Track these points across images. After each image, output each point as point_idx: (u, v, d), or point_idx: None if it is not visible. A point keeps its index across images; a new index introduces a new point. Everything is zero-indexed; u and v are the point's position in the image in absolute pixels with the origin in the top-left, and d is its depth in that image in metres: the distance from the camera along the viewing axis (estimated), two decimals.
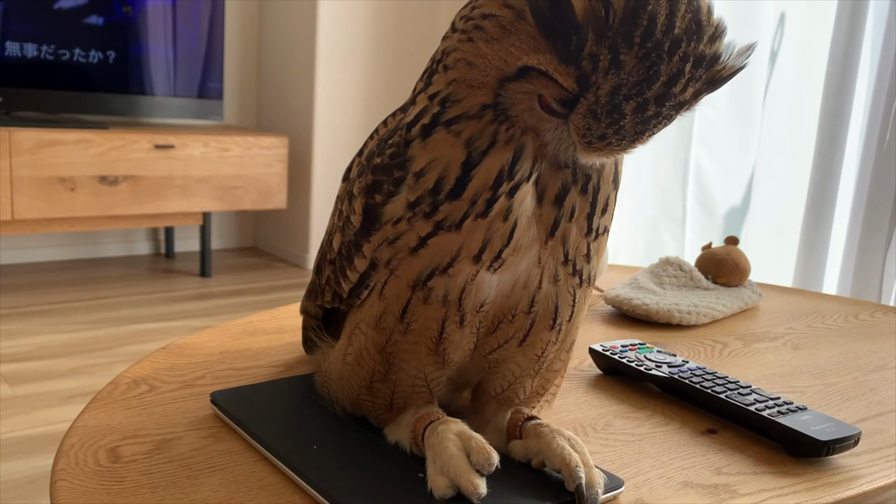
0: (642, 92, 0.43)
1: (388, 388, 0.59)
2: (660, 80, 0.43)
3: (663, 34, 0.42)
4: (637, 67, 0.43)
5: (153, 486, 0.54)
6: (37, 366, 2.14)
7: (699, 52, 0.43)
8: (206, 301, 2.91)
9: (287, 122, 3.53)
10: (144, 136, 2.85)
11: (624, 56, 0.42)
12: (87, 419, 0.64)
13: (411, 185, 0.52)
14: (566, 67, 0.44)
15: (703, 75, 0.44)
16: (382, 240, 0.54)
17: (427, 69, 0.55)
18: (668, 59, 0.43)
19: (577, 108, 0.46)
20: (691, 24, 0.43)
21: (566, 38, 0.43)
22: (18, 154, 2.57)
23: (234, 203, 3.14)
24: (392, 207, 0.54)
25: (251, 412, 0.64)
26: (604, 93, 0.44)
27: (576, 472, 0.53)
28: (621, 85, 0.43)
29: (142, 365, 0.76)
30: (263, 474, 0.57)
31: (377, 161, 0.55)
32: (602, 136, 0.46)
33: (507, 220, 0.52)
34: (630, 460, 0.62)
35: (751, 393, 0.71)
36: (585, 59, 0.43)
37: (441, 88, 0.52)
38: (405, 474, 0.55)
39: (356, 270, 0.57)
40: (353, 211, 0.57)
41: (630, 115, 0.44)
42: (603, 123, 0.45)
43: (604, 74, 0.43)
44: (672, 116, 0.46)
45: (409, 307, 0.55)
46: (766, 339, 0.97)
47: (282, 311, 0.96)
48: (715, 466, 0.62)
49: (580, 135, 0.47)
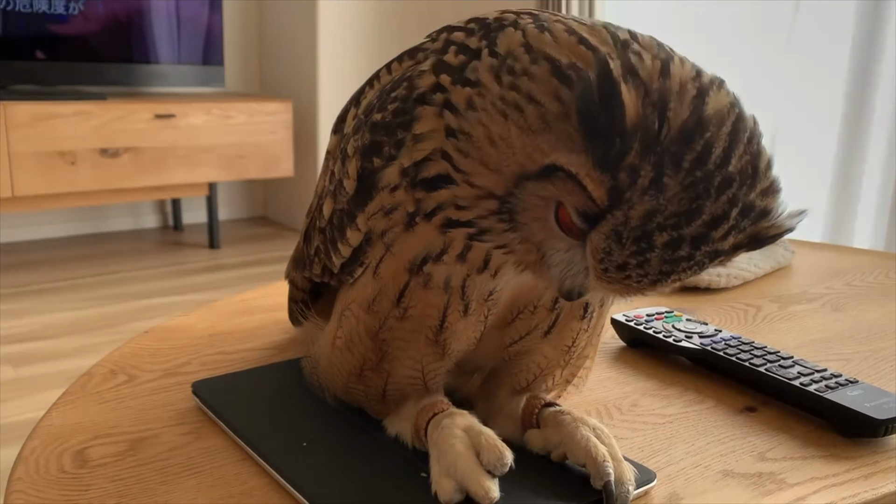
0: (679, 226, 0.38)
1: (380, 379, 0.52)
2: (701, 218, 0.38)
3: (716, 167, 0.37)
4: (680, 196, 0.37)
5: (121, 495, 0.48)
6: (41, 346, 2.10)
7: (750, 200, 0.38)
8: (216, 273, 2.86)
9: (291, 87, 3.44)
10: (144, 107, 2.78)
11: (668, 179, 0.37)
12: (55, 417, 0.57)
13: (410, 146, 0.45)
14: (600, 174, 0.38)
15: (748, 227, 0.39)
16: (378, 208, 0.47)
17: (447, 44, 0.46)
18: (715, 197, 0.37)
19: (600, 226, 0.39)
20: (747, 168, 0.38)
21: (608, 141, 0.37)
22: (15, 128, 2.51)
23: (239, 172, 3.08)
24: (391, 171, 0.46)
25: (235, 404, 0.57)
26: (636, 214, 0.38)
27: (603, 468, 0.46)
28: (657, 211, 0.37)
29: (121, 352, 0.70)
30: (247, 476, 0.50)
31: (377, 118, 0.47)
32: (622, 266, 0.39)
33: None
34: (661, 447, 0.56)
35: (794, 365, 0.64)
36: (624, 170, 0.37)
37: (451, 123, 0.43)
38: (406, 474, 0.49)
39: (349, 244, 0.50)
40: (347, 174, 0.49)
41: (659, 249, 0.38)
42: (627, 251, 0.38)
43: (641, 193, 0.37)
44: (703, 265, 0.39)
45: (408, 291, 0.48)
46: (802, 301, 0.89)
47: (277, 286, 0.90)
48: (757, 451, 0.55)
49: (597, 259, 0.40)
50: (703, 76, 0.39)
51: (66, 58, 2.85)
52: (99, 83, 2.93)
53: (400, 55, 0.51)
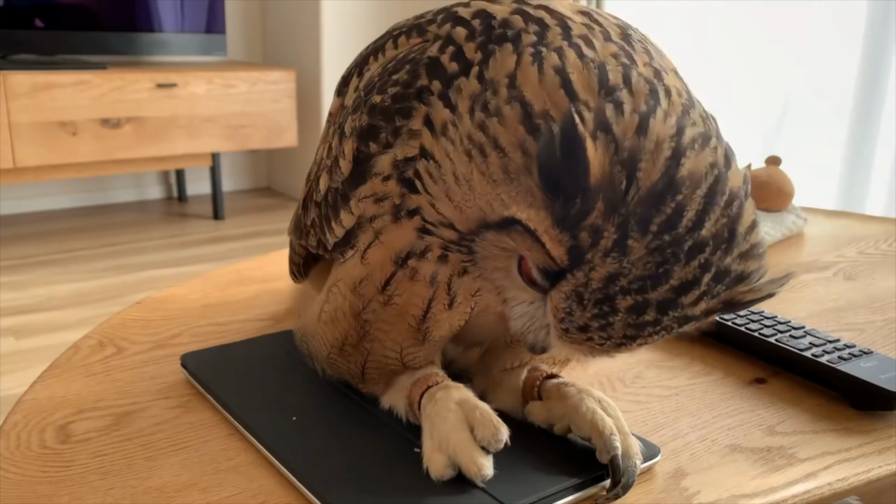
0: (645, 290, 0.36)
1: (360, 356, 0.51)
2: (669, 283, 0.36)
3: (687, 231, 0.35)
4: (646, 260, 0.35)
5: (103, 472, 0.46)
6: (44, 317, 2.09)
7: (724, 265, 0.36)
8: (220, 245, 2.84)
9: (294, 56, 3.39)
10: (145, 76, 2.73)
11: (633, 242, 0.35)
12: (39, 391, 0.56)
13: (404, 139, 0.43)
14: (559, 233, 0.36)
15: (721, 293, 0.37)
16: (370, 193, 0.45)
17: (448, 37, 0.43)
18: (685, 262, 0.35)
19: (561, 285, 0.37)
20: (723, 232, 0.36)
21: (570, 199, 0.35)
22: (15, 98, 2.47)
23: (242, 142, 3.04)
24: (385, 160, 0.44)
25: (225, 377, 0.56)
26: (597, 276, 0.36)
27: (610, 442, 0.45)
28: (621, 274, 0.35)
29: (110, 323, 0.68)
30: (235, 452, 0.49)
31: (376, 100, 0.45)
32: (583, 328, 0.37)
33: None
34: (666, 420, 0.54)
35: (805, 335, 0.61)
36: (586, 230, 0.35)
37: (426, 143, 0.42)
38: (398, 449, 0.47)
39: (342, 226, 0.48)
40: (343, 154, 0.47)
41: (623, 314, 0.36)
42: (588, 313, 0.37)
43: (603, 255, 0.35)
44: (672, 330, 0.37)
45: (394, 280, 0.46)
46: (814, 270, 0.86)
47: (273, 256, 0.88)
48: (766, 424, 0.53)
49: (558, 318, 0.38)
50: (684, 134, 0.36)
51: (66, 26, 2.80)
52: (99, 52, 2.89)
53: (409, 28, 0.48)
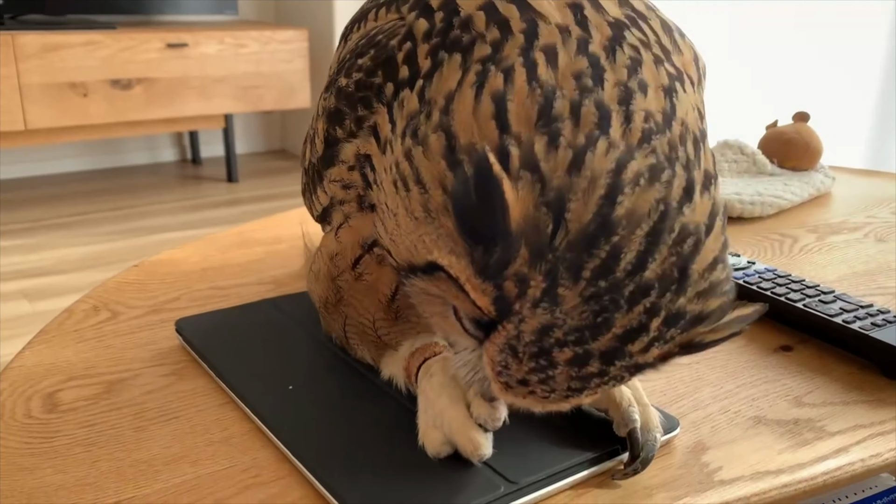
0: (584, 341, 0.32)
1: (340, 317, 0.49)
2: (611, 332, 0.32)
3: (627, 275, 0.31)
4: (580, 309, 0.31)
5: (89, 444, 0.44)
6: (57, 280, 2.09)
7: (678, 307, 0.32)
8: (233, 207, 2.82)
9: (306, 15, 3.33)
10: (155, 36, 2.69)
11: (564, 290, 0.31)
12: (28, 357, 0.53)
13: (366, 133, 0.40)
14: (482, 282, 0.32)
15: (677, 336, 0.33)
16: (338, 177, 0.43)
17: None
18: (627, 308, 0.31)
19: (493, 337, 0.33)
20: (671, 272, 0.32)
21: (488, 245, 0.31)
22: (24, 59, 2.44)
23: (254, 104, 3.00)
24: (349, 149, 0.42)
25: (221, 343, 0.53)
26: (529, 329, 0.32)
27: (628, 414, 0.42)
28: (554, 325, 0.32)
29: (106, 286, 0.66)
30: (229, 422, 0.46)
31: (343, 83, 0.42)
32: (523, 382, 0.34)
33: None
34: (686, 390, 0.51)
35: (835, 300, 0.58)
36: (510, 279, 0.31)
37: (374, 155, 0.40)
38: (399, 421, 0.44)
39: (320, 203, 0.47)
40: (317, 133, 0.45)
41: (563, 366, 0.32)
42: (525, 367, 0.33)
43: (532, 306, 0.31)
44: (623, 378, 0.34)
45: (363, 261, 0.44)
46: (843, 231, 0.82)
47: (277, 218, 0.85)
48: (793, 395, 0.50)
49: (495, 371, 0.34)
50: (626, 169, 0.31)
51: None
52: (108, 12, 2.84)
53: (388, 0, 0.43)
